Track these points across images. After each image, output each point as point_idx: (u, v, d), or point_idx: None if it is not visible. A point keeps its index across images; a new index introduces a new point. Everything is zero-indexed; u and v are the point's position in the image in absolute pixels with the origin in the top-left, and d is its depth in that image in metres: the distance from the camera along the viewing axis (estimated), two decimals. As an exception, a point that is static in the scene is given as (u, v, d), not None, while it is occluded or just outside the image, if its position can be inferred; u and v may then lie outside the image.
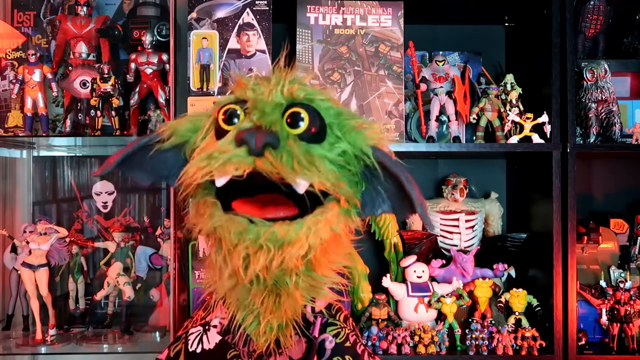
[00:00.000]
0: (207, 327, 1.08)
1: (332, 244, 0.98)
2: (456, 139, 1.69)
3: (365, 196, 0.99)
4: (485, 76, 1.89)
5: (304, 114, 0.93)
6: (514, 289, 1.65)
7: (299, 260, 0.94)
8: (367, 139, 0.98)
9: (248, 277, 0.94)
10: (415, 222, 1.85)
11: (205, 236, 1.01)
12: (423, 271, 1.66)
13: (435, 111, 1.69)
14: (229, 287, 1.00)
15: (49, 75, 1.73)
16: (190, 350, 1.06)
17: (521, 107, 1.66)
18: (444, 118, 1.74)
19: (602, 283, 1.65)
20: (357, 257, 1.64)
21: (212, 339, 1.06)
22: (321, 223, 0.92)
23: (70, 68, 1.78)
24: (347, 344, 1.05)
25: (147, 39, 1.71)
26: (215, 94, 1.59)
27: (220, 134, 0.96)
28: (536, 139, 1.62)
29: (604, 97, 1.69)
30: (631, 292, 1.62)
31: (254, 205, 0.93)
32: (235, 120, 0.95)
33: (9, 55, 1.83)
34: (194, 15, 1.61)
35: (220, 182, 0.90)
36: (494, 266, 1.70)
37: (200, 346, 1.06)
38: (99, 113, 1.69)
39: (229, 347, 1.04)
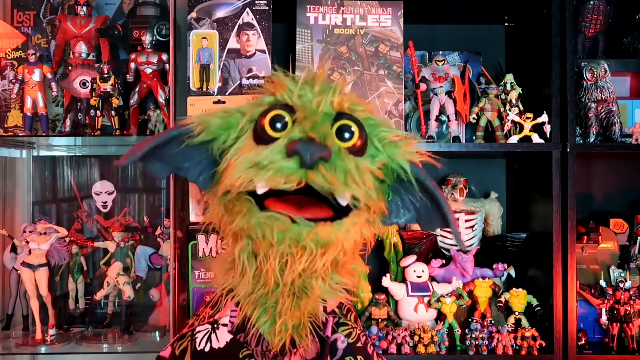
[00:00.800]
0: (216, 326, 1.06)
1: (356, 248, 1.00)
2: (456, 139, 1.69)
3: (391, 205, 1.02)
4: (485, 76, 1.89)
5: (354, 128, 0.94)
6: (514, 289, 1.65)
7: (329, 264, 0.94)
8: (405, 154, 0.99)
9: (285, 279, 0.93)
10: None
11: (232, 235, 0.99)
12: (423, 271, 1.66)
13: (435, 111, 1.69)
14: (251, 288, 0.99)
15: (49, 75, 1.73)
16: (199, 349, 1.04)
17: (521, 107, 1.66)
18: (444, 118, 1.74)
19: (602, 283, 1.65)
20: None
21: (223, 337, 1.04)
22: (357, 227, 0.94)
23: (70, 68, 1.78)
24: (359, 344, 1.05)
25: (147, 39, 1.71)
26: (215, 94, 1.59)
27: (262, 138, 0.94)
28: (536, 139, 1.62)
29: (604, 97, 1.69)
30: (631, 292, 1.62)
31: (288, 205, 0.92)
32: (279, 125, 0.94)
33: (9, 55, 1.83)
34: (194, 15, 1.61)
35: (262, 190, 0.90)
36: (494, 266, 1.70)
37: (209, 345, 1.04)
38: (99, 113, 1.69)
39: (242, 346, 1.03)
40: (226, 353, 1.03)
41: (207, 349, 1.04)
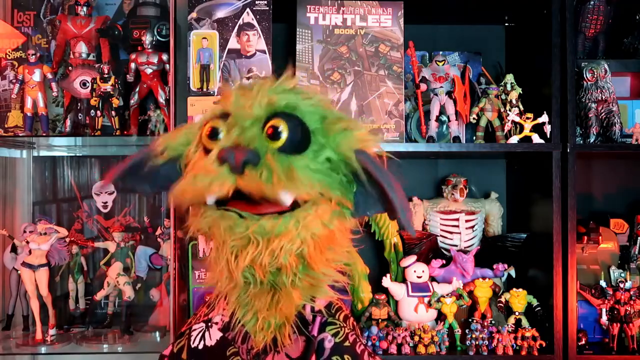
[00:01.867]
0: (209, 324, 1.08)
1: (327, 242, 0.98)
2: (456, 139, 1.69)
3: (357, 196, 0.99)
4: (485, 76, 1.89)
5: (282, 126, 0.92)
6: (514, 289, 1.65)
7: (292, 256, 0.94)
8: (352, 142, 0.96)
9: (239, 271, 0.94)
10: (415, 223, 1.85)
11: (203, 236, 1.02)
12: (423, 271, 1.66)
13: (435, 111, 1.69)
14: (228, 286, 1.00)
15: (49, 75, 1.73)
16: (193, 346, 1.07)
17: (521, 107, 1.66)
18: (444, 118, 1.74)
19: (602, 283, 1.65)
20: (357, 257, 1.63)
21: (214, 335, 1.07)
22: (310, 216, 0.93)
23: (70, 68, 1.78)
24: (347, 343, 1.05)
25: (147, 39, 1.71)
26: (215, 94, 1.59)
27: (207, 150, 0.96)
28: (536, 139, 1.62)
29: (604, 97, 1.69)
30: (631, 292, 1.62)
31: (248, 204, 0.93)
32: (219, 136, 0.95)
33: (9, 55, 1.83)
34: (194, 15, 1.61)
35: (210, 200, 0.92)
36: (494, 266, 1.70)
37: (202, 342, 1.07)
38: (99, 113, 1.69)
39: (229, 344, 1.05)
40: (216, 350, 1.05)
41: (201, 347, 1.06)
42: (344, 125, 0.98)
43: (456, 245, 1.81)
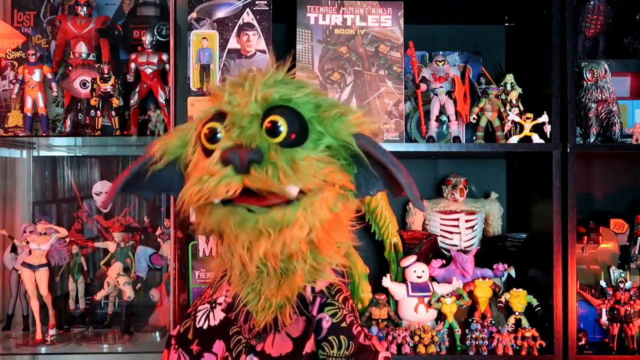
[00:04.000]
0: (213, 305, 1.11)
1: (333, 224, 1.00)
2: (456, 139, 1.69)
3: (359, 177, 1.01)
4: (485, 76, 1.89)
5: (281, 121, 0.94)
6: (514, 289, 1.65)
7: (303, 243, 0.96)
8: (349, 127, 0.98)
9: (253, 264, 0.96)
10: (415, 222, 1.85)
11: (210, 233, 1.03)
12: (423, 271, 1.66)
13: (435, 111, 1.69)
14: (241, 277, 1.03)
15: (49, 75, 1.73)
16: (198, 326, 1.10)
17: (521, 107, 1.66)
18: (444, 118, 1.74)
19: (602, 283, 1.65)
20: (357, 257, 1.64)
21: (217, 315, 1.10)
22: (317, 202, 0.94)
23: (70, 68, 1.78)
24: (344, 324, 1.06)
25: (147, 39, 1.71)
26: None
27: (206, 151, 0.97)
28: (536, 139, 1.62)
29: (604, 97, 1.69)
30: (631, 292, 1.62)
31: (252, 197, 0.94)
32: (218, 136, 0.97)
33: (9, 55, 1.83)
34: (194, 15, 1.61)
35: (217, 200, 0.93)
36: (494, 266, 1.70)
37: (207, 322, 1.10)
38: (99, 113, 1.69)
39: (232, 323, 1.07)
40: (219, 330, 1.08)
41: (205, 327, 1.10)
42: (339, 111, 0.99)
43: (456, 245, 1.81)
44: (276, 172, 0.90)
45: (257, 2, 1.62)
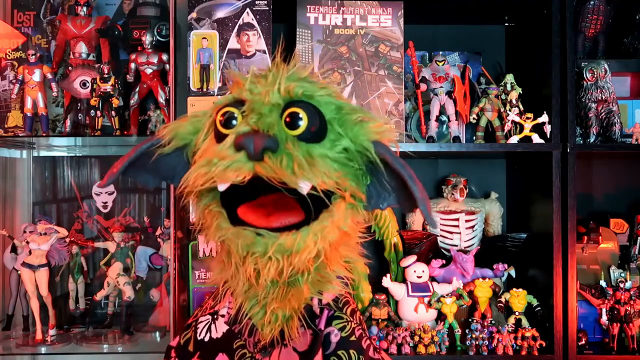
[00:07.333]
0: (215, 317, 1.08)
1: (340, 241, 0.99)
2: (456, 139, 1.69)
3: (371, 189, 0.99)
4: (485, 76, 1.89)
5: (302, 114, 0.92)
6: (514, 289, 1.65)
7: (310, 262, 0.95)
8: (369, 134, 0.96)
9: (260, 285, 0.95)
10: (415, 222, 1.85)
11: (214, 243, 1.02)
12: (423, 271, 1.66)
13: (435, 111, 1.69)
14: (243, 288, 1.00)
15: (49, 75, 1.73)
16: (199, 338, 1.07)
17: (521, 107, 1.66)
18: (444, 118, 1.74)
19: (602, 283, 1.65)
20: (357, 257, 1.63)
21: (220, 328, 1.07)
22: (328, 228, 0.93)
23: (70, 68, 1.78)
24: (353, 338, 1.04)
25: (147, 39, 1.71)
26: (215, 94, 1.59)
27: (219, 137, 0.95)
28: (536, 139, 1.62)
29: (604, 97, 1.69)
30: (631, 292, 1.62)
31: (259, 212, 0.93)
32: (234, 122, 0.94)
33: (9, 55, 1.83)
34: (194, 15, 1.61)
35: (222, 187, 0.90)
36: (494, 266, 1.70)
37: (208, 335, 1.07)
38: (99, 113, 1.69)
39: (235, 336, 1.05)
40: (222, 343, 1.05)
41: (207, 339, 1.07)
42: (361, 116, 0.98)
43: (456, 245, 1.81)
44: (291, 163, 0.87)
45: (257, 2, 1.62)
